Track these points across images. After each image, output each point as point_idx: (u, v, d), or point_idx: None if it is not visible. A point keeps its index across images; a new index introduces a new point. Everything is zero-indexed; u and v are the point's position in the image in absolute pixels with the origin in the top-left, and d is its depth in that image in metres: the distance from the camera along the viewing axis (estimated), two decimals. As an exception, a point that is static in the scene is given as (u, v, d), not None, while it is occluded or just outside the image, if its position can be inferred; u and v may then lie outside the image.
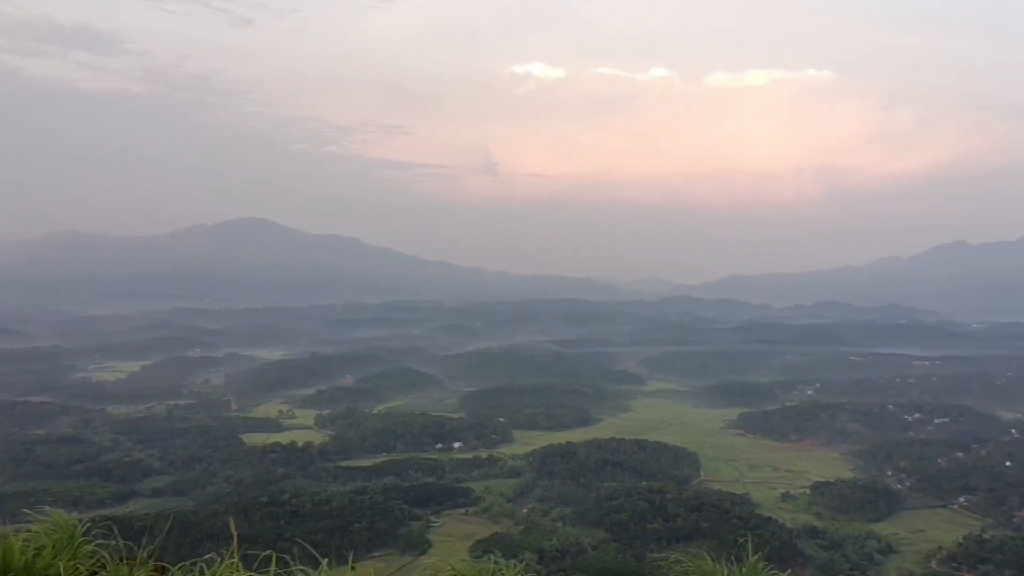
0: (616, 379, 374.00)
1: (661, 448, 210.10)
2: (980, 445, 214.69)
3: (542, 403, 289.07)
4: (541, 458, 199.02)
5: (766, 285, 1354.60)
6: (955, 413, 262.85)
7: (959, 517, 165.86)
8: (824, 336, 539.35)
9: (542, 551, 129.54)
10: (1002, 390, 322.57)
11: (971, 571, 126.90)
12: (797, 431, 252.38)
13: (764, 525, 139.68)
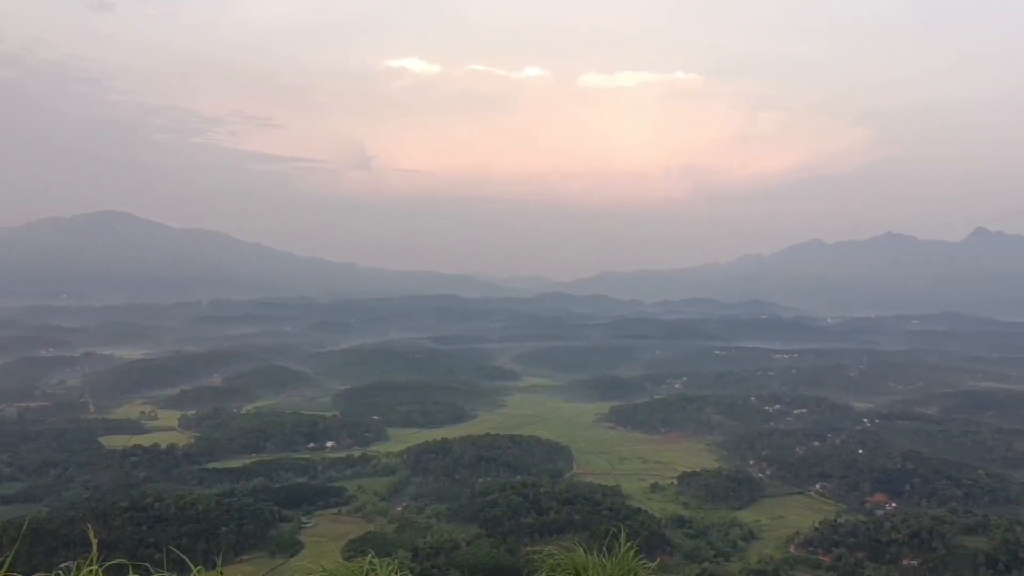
0: (491, 375, 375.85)
1: (535, 443, 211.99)
2: (835, 434, 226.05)
3: (417, 400, 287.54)
4: (416, 455, 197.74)
5: (637, 282, 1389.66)
6: (812, 404, 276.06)
7: (815, 503, 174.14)
8: (691, 331, 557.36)
9: (416, 549, 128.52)
10: (854, 382, 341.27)
11: (826, 554, 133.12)
12: (665, 423, 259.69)
13: (634, 516, 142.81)
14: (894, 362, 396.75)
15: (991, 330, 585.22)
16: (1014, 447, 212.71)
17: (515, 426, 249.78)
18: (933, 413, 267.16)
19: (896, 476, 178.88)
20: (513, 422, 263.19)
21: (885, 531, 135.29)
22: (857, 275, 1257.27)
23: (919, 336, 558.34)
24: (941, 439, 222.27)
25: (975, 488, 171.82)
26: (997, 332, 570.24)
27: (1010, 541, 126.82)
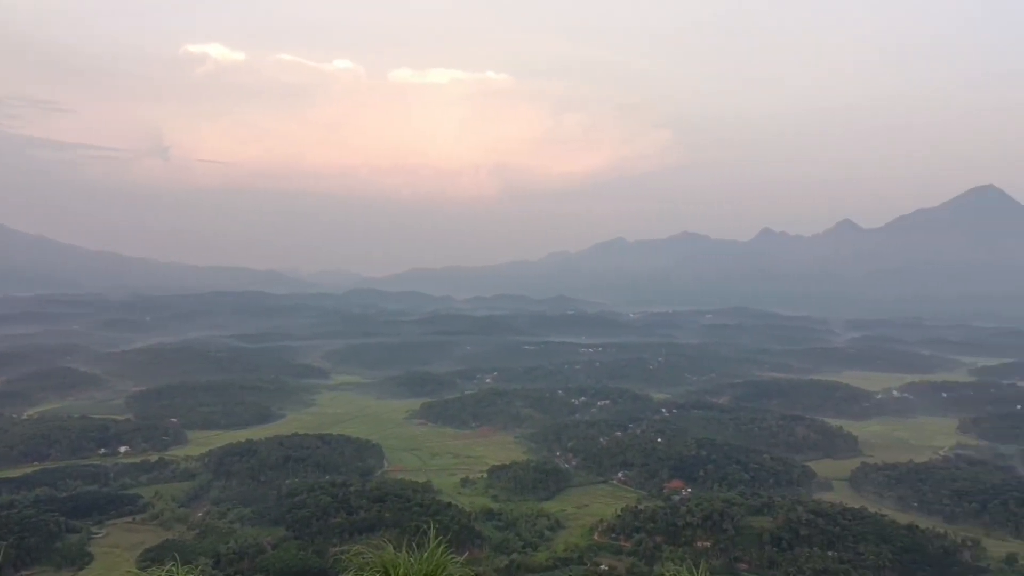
0: (300, 373, 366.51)
1: (345, 441, 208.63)
2: (636, 424, 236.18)
3: (220, 401, 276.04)
4: (218, 458, 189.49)
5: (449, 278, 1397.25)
6: (615, 395, 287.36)
7: (618, 491, 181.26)
8: (501, 327, 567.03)
9: (218, 555, 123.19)
10: (654, 374, 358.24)
11: (627, 540, 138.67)
12: (476, 418, 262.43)
13: (445, 511, 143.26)
14: (690, 354, 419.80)
15: (776, 323, 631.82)
16: (795, 432, 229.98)
17: (325, 425, 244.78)
18: (724, 402, 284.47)
19: (691, 462, 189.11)
20: (323, 421, 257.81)
21: (681, 515, 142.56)
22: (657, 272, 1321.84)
23: (712, 330, 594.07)
24: (732, 426, 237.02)
25: (761, 471, 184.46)
26: (781, 325, 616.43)
27: (792, 520, 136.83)
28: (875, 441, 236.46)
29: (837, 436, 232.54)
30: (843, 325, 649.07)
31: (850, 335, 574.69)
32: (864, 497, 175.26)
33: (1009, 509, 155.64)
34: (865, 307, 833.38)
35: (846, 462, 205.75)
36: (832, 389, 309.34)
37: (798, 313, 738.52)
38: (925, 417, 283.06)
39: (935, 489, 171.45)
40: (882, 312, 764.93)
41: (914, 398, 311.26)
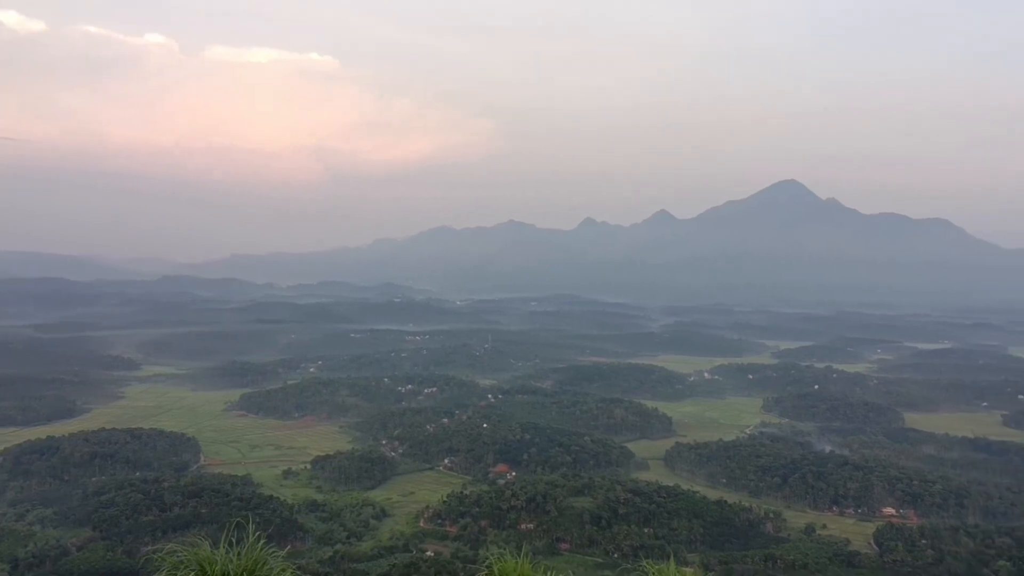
0: (107, 365, 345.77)
1: (158, 436, 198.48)
2: (462, 410, 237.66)
3: (15, 395, 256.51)
4: (15, 457, 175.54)
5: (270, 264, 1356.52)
6: (442, 382, 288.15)
7: (444, 477, 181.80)
8: (326, 314, 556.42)
9: (16, 560, 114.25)
10: (480, 360, 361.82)
11: (453, 525, 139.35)
12: (300, 408, 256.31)
13: (265, 504, 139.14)
14: (515, 340, 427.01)
15: (596, 310, 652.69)
16: (615, 414, 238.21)
17: (135, 419, 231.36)
18: (548, 387, 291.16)
19: (516, 447, 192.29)
20: (133, 415, 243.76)
21: (506, 498, 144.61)
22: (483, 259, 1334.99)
23: (537, 316, 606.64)
24: (555, 410, 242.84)
25: (583, 453, 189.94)
26: (601, 312, 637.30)
27: (611, 499, 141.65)
28: (688, 421, 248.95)
29: (653, 417, 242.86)
30: (659, 311, 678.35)
31: (665, 320, 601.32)
32: (678, 475, 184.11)
33: (807, 482, 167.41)
34: (679, 294, 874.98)
35: (662, 442, 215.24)
36: (649, 372, 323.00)
37: (618, 300, 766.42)
38: (733, 397, 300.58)
39: (742, 465, 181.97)
40: (695, 299, 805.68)
41: (724, 379, 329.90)
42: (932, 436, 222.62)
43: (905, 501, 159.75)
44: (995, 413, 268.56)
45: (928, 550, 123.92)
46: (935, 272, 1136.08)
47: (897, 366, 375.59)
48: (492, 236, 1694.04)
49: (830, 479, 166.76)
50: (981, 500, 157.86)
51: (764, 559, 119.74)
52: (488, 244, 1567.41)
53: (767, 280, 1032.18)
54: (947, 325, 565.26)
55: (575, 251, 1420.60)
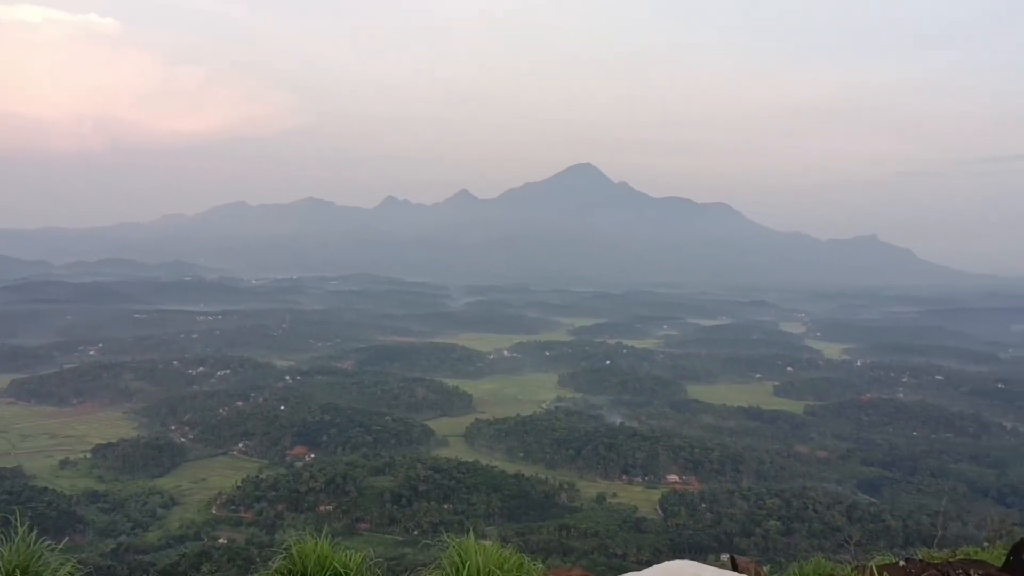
0: None
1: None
2: (258, 392, 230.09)
3: None
4: None
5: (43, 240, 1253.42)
6: (236, 364, 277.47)
7: (239, 462, 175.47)
8: (107, 294, 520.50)
9: None
10: (278, 340, 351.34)
11: (248, 510, 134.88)
12: (78, 394, 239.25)
13: (39, 497, 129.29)
14: (314, 320, 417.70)
15: (398, 289, 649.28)
16: (416, 393, 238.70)
17: None
18: (348, 367, 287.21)
19: (315, 428, 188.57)
20: None
21: (304, 481, 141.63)
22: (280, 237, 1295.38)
23: (337, 295, 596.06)
24: (355, 390, 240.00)
25: (384, 433, 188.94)
26: (403, 291, 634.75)
27: (412, 478, 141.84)
28: (488, 398, 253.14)
29: (454, 395, 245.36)
30: (461, 290, 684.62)
31: (467, 299, 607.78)
32: (477, 451, 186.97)
33: (599, 453, 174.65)
34: (480, 273, 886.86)
35: (462, 419, 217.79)
36: (450, 351, 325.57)
37: (420, 279, 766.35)
38: (531, 374, 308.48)
39: (538, 439, 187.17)
40: (495, 278, 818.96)
41: (522, 357, 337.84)
42: (712, 406, 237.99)
43: (687, 468, 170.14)
44: (767, 384, 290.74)
45: (707, 513, 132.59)
46: (717, 253, 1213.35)
47: (682, 341, 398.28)
48: (290, 213, 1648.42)
49: (620, 450, 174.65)
50: (754, 464, 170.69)
51: (559, 528, 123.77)
52: (286, 221, 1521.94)
53: (564, 260, 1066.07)
54: (726, 303, 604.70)
55: (376, 229, 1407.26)
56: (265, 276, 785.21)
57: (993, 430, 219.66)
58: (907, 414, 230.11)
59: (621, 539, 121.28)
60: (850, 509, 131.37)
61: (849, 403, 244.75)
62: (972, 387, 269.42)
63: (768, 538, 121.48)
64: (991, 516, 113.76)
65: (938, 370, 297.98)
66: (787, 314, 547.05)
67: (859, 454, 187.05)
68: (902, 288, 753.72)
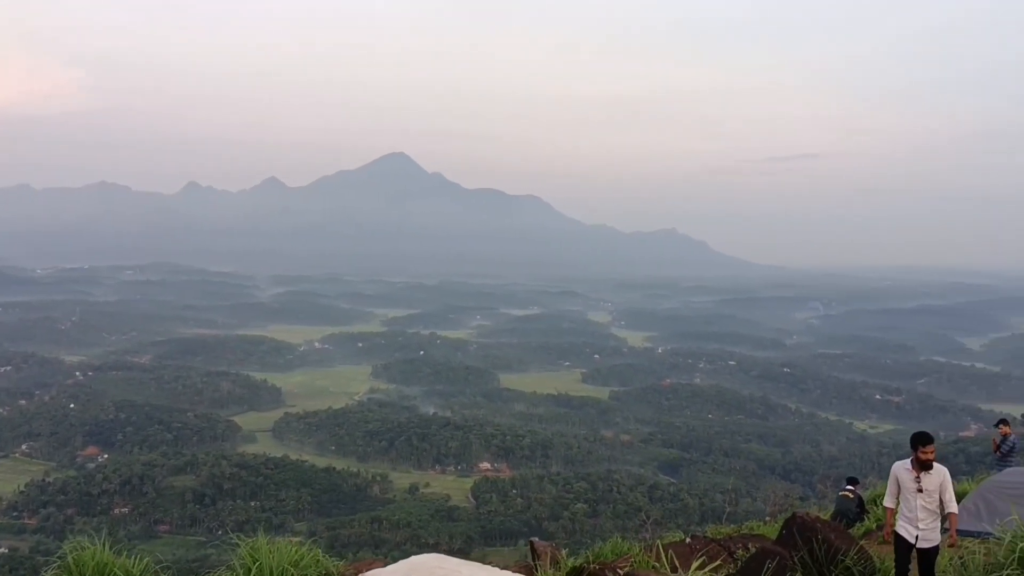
0: None
1: None
2: (44, 390, 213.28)
3: None
4: None
5: None
6: (19, 360, 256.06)
7: (22, 465, 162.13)
8: None
9: None
10: (67, 334, 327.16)
11: (33, 516, 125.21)
12: None
13: None
14: (108, 312, 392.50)
15: (201, 279, 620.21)
16: (221, 388, 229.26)
17: None
18: (147, 361, 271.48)
19: (109, 427, 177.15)
20: None
21: (97, 483, 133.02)
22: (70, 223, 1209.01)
23: (134, 286, 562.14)
24: (154, 386, 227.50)
25: (185, 430, 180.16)
26: (206, 281, 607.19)
27: (216, 475, 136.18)
28: (298, 391, 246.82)
29: (262, 389, 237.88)
30: (269, 280, 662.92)
31: (275, 290, 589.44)
32: (287, 446, 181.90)
33: (412, 444, 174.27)
34: (290, 263, 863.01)
35: (270, 413, 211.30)
36: (257, 343, 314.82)
37: (226, 268, 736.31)
38: (344, 366, 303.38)
39: (350, 432, 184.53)
40: (306, 268, 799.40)
41: (334, 348, 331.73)
42: (523, 394, 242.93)
43: (499, 455, 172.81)
44: (575, 371, 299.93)
45: (518, 499, 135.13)
46: (528, 244, 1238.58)
47: (494, 331, 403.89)
48: (81, 198, 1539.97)
49: (433, 440, 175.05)
50: (563, 450, 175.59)
51: (370, 521, 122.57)
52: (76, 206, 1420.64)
53: (378, 249, 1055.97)
54: (537, 293, 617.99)
55: (178, 216, 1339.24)
56: (52, 265, 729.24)
57: (779, 411, 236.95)
58: (703, 398, 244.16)
59: (433, 528, 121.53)
60: (651, 490, 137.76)
61: (651, 388, 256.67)
62: (761, 371, 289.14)
63: (575, 520, 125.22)
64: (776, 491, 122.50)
65: (731, 356, 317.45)
66: (594, 304, 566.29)
67: (660, 437, 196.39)
68: (699, 279, 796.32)
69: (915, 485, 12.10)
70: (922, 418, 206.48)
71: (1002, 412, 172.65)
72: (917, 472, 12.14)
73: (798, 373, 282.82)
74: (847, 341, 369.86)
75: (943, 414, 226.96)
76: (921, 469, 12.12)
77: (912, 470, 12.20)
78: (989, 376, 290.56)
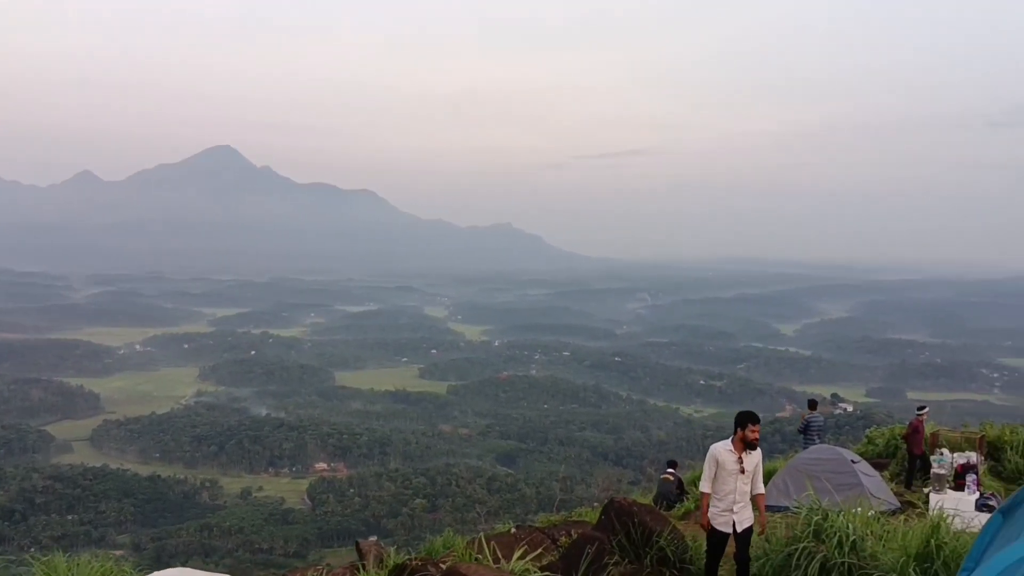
0: None
1: None
2: None
3: None
4: None
5: None
6: None
7: None
8: None
9: None
10: None
11: None
12: None
13: None
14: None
15: (7, 280, 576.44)
16: (31, 396, 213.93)
17: None
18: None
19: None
20: None
21: None
22: None
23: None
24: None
25: None
26: (12, 282, 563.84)
27: (27, 490, 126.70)
28: (118, 397, 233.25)
29: (78, 395, 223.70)
30: (84, 280, 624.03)
31: (91, 290, 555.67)
32: (107, 455, 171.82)
33: (243, 447, 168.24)
34: (107, 261, 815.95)
35: (88, 421, 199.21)
36: (72, 347, 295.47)
37: (34, 268, 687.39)
38: (168, 368, 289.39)
39: (176, 437, 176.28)
40: (125, 266, 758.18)
41: (157, 351, 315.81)
42: (360, 392, 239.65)
43: (336, 455, 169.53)
44: (413, 367, 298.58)
45: (356, 498, 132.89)
46: (363, 240, 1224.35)
47: (329, 328, 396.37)
48: None
49: (266, 442, 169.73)
50: (401, 446, 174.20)
51: (200, 529, 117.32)
52: None
53: (204, 246, 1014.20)
54: (373, 289, 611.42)
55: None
56: None
57: (611, 399, 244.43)
58: (539, 389, 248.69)
59: (268, 533, 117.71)
60: (490, 481, 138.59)
61: (488, 381, 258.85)
62: (594, 361, 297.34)
63: (415, 516, 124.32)
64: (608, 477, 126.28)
65: (566, 347, 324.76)
66: (431, 299, 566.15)
67: (497, 429, 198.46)
68: (534, 272, 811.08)
69: (737, 466, 11.91)
70: (742, 401, 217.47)
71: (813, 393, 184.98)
72: (740, 452, 11.98)
73: (628, 362, 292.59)
74: (673, 330, 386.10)
75: (761, 396, 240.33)
76: (745, 448, 11.98)
77: (734, 451, 12.00)
78: (801, 359, 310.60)
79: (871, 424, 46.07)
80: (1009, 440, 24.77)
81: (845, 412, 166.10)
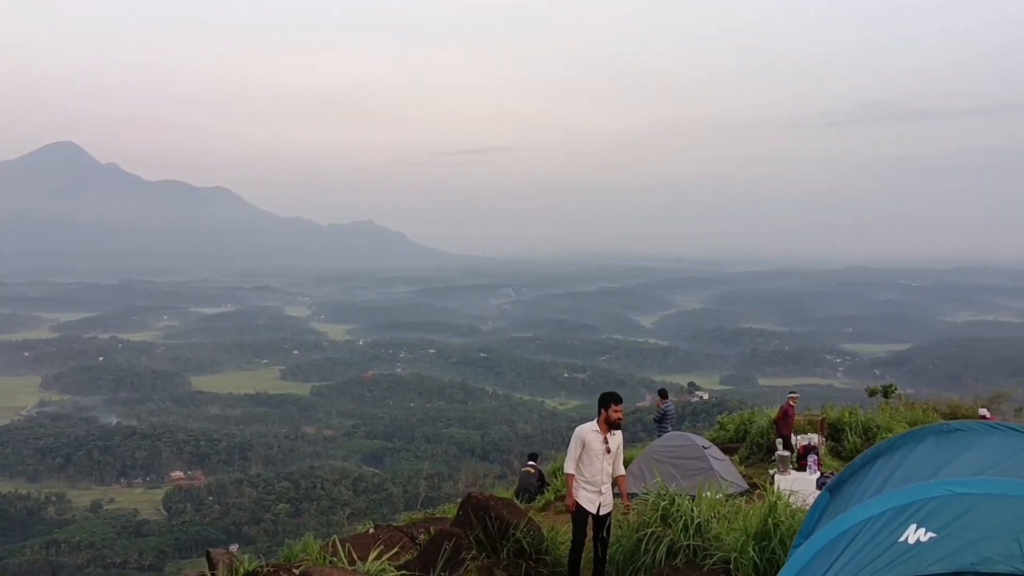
0: None
1: None
2: None
3: None
4: None
5: None
6: None
7: None
8: None
9: None
10: None
11: None
12: None
13: None
14: None
15: None
16: None
17: None
18: None
19: None
20: None
21: None
22: None
23: None
24: None
25: None
26: None
27: None
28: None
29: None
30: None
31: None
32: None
33: (93, 458, 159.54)
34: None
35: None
36: None
37: None
38: (5, 378, 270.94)
39: (17, 451, 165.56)
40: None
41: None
42: (218, 396, 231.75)
43: (193, 463, 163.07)
44: (274, 368, 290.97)
45: (215, 506, 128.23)
46: (218, 238, 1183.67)
47: (184, 332, 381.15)
48: None
49: (117, 452, 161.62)
50: (263, 450, 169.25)
51: (46, 546, 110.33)
52: None
53: (43, 247, 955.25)
54: (230, 289, 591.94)
55: None
56: None
57: (477, 395, 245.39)
58: (405, 387, 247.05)
59: (120, 546, 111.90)
60: (356, 482, 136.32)
61: (353, 381, 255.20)
62: (459, 357, 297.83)
63: (278, 521, 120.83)
64: (474, 472, 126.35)
65: (431, 344, 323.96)
66: (292, 298, 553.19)
67: (363, 429, 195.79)
68: (398, 269, 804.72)
69: (603, 447, 12.14)
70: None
71: (670, 383, 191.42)
72: (605, 432, 12.22)
73: (494, 357, 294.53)
74: (538, 324, 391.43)
75: (622, 387, 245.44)
76: (610, 429, 12.24)
77: (600, 431, 12.22)
78: (659, 350, 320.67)
79: (725, 411, 47.76)
80: (848, 421, 26.50)
81: (701, 400, 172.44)
